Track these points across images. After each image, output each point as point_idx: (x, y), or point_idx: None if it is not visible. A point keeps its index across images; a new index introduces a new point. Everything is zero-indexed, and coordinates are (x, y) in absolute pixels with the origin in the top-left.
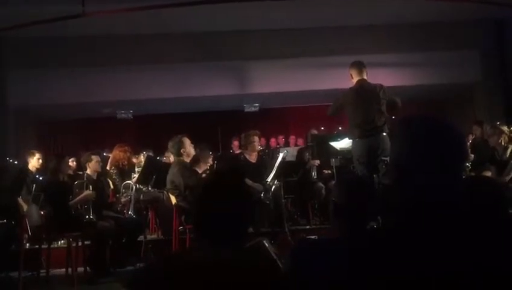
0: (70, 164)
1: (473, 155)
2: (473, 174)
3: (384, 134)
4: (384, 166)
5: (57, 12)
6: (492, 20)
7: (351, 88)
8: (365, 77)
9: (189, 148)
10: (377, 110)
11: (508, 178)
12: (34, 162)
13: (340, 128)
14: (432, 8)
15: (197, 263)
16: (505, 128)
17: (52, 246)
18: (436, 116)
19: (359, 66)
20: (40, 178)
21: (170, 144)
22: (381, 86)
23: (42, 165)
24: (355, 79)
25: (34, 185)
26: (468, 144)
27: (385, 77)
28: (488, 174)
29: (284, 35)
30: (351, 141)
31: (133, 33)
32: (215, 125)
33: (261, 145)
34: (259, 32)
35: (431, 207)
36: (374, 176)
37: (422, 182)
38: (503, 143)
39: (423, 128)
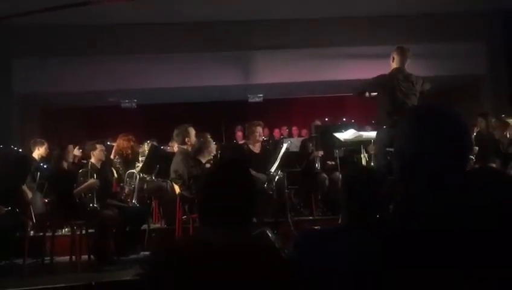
0: (75, 152)
1: (477, 148)
2: (477, 166)
3: None
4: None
5: (63, 0)
6: (499, 12)
7: (388, 73)
8: (405, 66)
9: (194, 138)
10: (410, 100)
11: None
12: (42, 151)
13: (344, 119)
14: None
15: (201, 248)
16: (511, 120)
17: (56, 233)
18: (440, 106)
19: (403, 52)
20: (45, 166)
21: (175, 132)
22: (418, 77)
23: (48, 154)
24: (394, 65)
25: (39, 173)
26: (473, 136)
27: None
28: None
29: (288, 26)
30: (353, 132)
31: (138, 22)
32: (219, 116)
33: (264, 136)
34: (264, 23)
35: (434, 198)
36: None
37: (426, 173)
38: (508, 136)
39: (426, 119)
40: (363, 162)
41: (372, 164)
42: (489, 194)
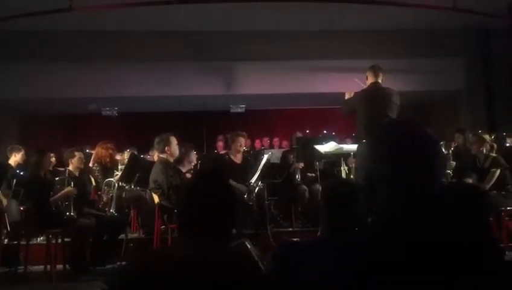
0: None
1: (454, 162)
2: (454, 180)
3: None
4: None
5: (44, 6)
6: (477, 29)
7: (366, 88)
8: (379, 81)
9: (175, 148)
10: (386, 114)
11: (488, 186)
12: (19, 157)
13: (325, 131)
14: (417, 15)
15: (179, 258)
16: (487, 136)
17: (31, 242)
18: (413, 121)
19: (375, 70)
20: (21, 173)
21: (156, 140)
22: (394, 91)
23: (25, 160)
24: (369, 81)
25: (14, 180)
26: (451, 151)
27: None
28: (469, 181)
29: (271, 38)
30: (334, 144)
31: (121, 30)
32: (200, 125)
33: (246, 146)
34: (247, 34)
35: (409, 211)
36: None
37: (398, 188)
38: (484, 151)
39: (394, 135)
40: (343, 174)
41: (352, 176)
42: (464, 207)
